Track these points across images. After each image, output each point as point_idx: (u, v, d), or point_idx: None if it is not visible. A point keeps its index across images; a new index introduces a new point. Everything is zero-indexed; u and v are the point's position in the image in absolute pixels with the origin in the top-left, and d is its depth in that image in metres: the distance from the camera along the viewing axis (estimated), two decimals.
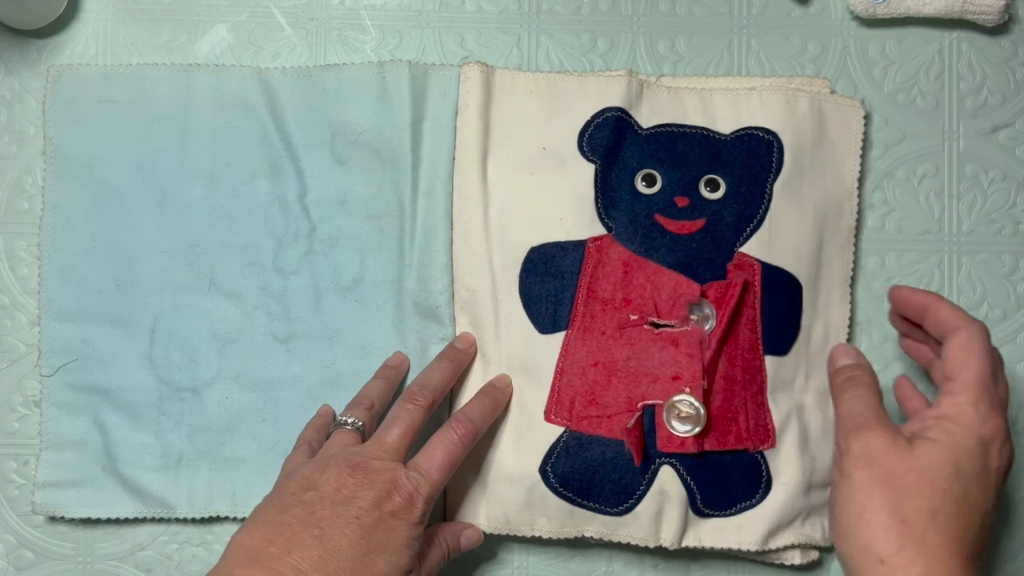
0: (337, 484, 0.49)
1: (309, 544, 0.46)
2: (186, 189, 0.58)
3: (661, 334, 0.55)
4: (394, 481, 0.49)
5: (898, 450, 0.45)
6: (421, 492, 0.49)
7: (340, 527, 0.47)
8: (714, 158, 0.57)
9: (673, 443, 0.54)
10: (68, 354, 0.58)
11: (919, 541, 0.43)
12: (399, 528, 0.48)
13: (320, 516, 0.47)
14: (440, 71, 0.58)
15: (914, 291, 0.52)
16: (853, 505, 0.44)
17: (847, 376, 0.50)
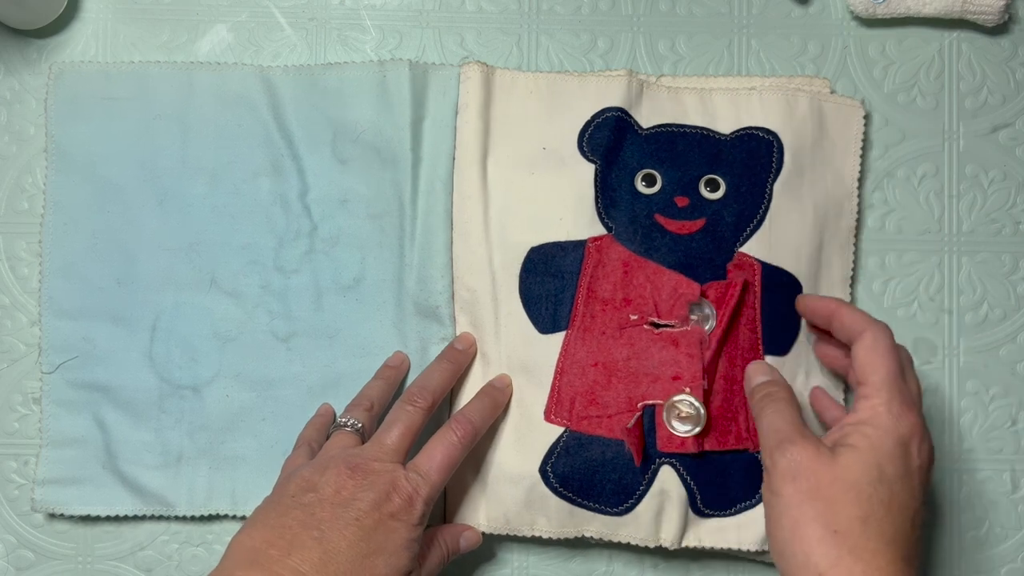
0: (337, 486, 0.48)
1: (309, 546, 0.46)
2: (187, 187, 0.58)
3: (661, 334, 0.55)
4: (393, 482, 0.49)
5: (822, 461, 0.45)
6: (420, 493, 0.49)
7: (340, 529, 0.47)
8: (714, 158, 0.57)
9: (673, 443, 0.54)
10: (69, 351, 0.58)
11: (854, 550, 0.43)
12: (398, 529, 0.48)
13: (320, 518, 0.47)
14: (440, 71, 0.58)
15: (819, 299, 0.53)
16: (785, 521, 0.44)
17: (764, 393, 0.50)
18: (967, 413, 0.60)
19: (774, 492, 0.45)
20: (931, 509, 0.60)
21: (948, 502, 0.60)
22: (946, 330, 0.60)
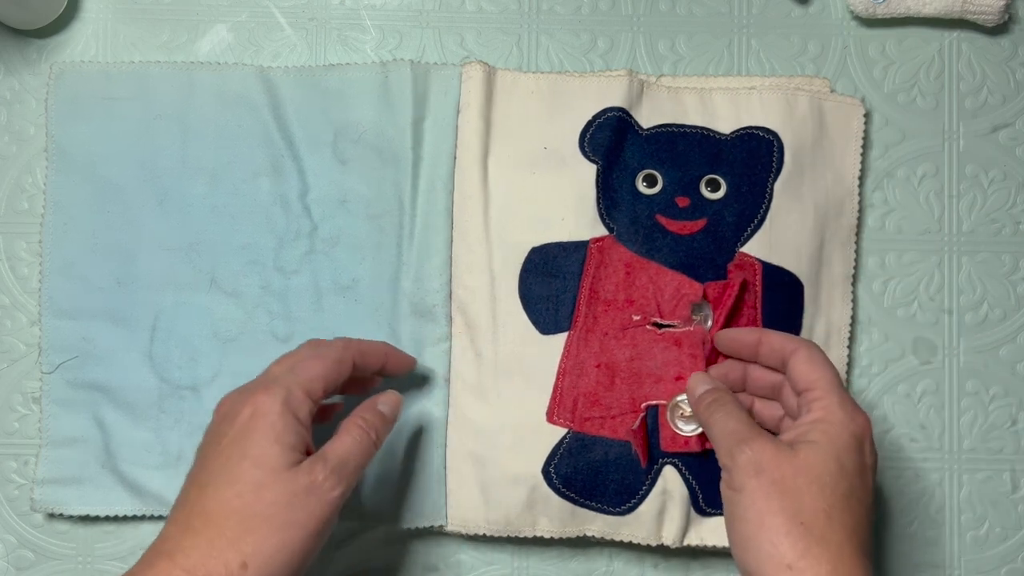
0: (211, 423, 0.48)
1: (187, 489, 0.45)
2: (188, 187, 0.58)
3: (664, 335, 0.55)
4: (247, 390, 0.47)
5: (783, 456, 0.45)
6: (280, 379, 0.47)
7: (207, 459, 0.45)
8: (714, 158, 0.57)
9: (677, 443, 0.54)
10: (68, 351, 0.58)
11: (820, 541, 0.43)
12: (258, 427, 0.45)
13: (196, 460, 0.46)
14: (442, 70, 0.58)
15: (740, 330, 0.53)
16: (751, 514, 0.44)
17: (711, 399, 0.50)
18: (967, 413, 0.60)
19: (736, 489, 0.45)
20: (931, 509, 0.60)
21: (948, 502, 0.60)
22: (946, 330, 0.60)
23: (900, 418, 0.60)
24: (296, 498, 0.44)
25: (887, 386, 0.60)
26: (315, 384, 0.48)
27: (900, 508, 0.60)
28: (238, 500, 0.43)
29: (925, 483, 0.60)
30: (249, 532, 0.43)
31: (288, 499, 0.44)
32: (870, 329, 0.60)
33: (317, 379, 0.48)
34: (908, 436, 0.60)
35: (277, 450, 0.44)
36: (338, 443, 0.47)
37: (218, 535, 0.43)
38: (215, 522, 0.43)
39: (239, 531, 0.43)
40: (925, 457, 0.60)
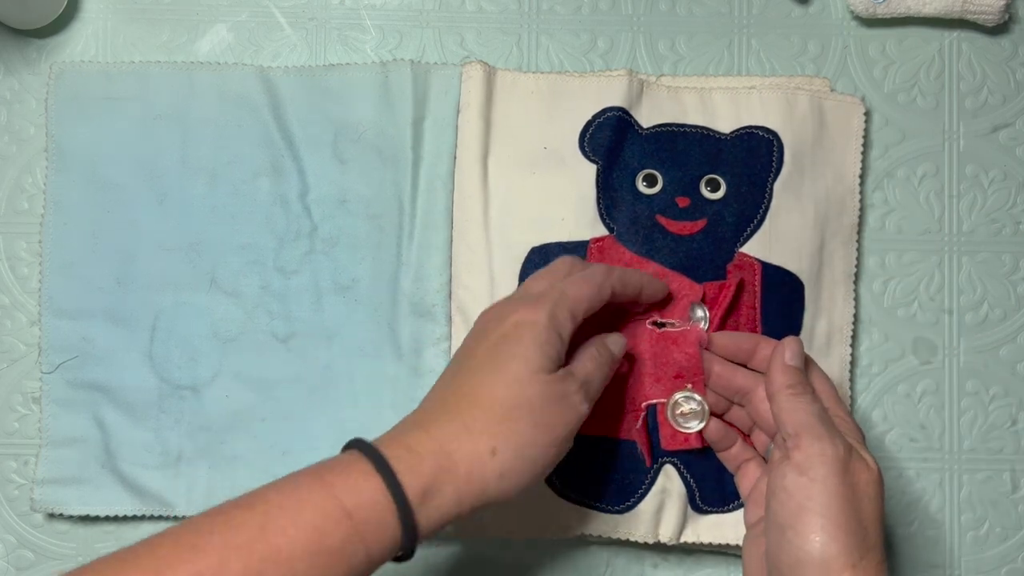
0: (474, 326, 0.48)
1: (448, 380, 0.46)
2: (188, 187, 0.58)
3: (663, 334, 0.55)
4: (518, 300, 0.48)
5: (860, 462, 0.46)
6: (548, 295, 0.47)
7: (473, 354, 0.46)
8: (714, 157, 0.57)
9: (677, 440, 0.54)
10: (68, 351, 0.58)
11: (874, 547, 0.45)
12: (524, 333, 0.45)
13: (459, 357, 0.47)
14: (442, 70, 0.58)
15: (738, 335, 0.53)
16: (829, 510, 0.45)
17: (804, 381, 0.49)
18: (967, 413, 0.60)
19: (816, 478, 0.45)
20: (931, 509, 0.60)
21: (948, 502, 0.60)
22: (946, 330, 0.60)
23: (900, 418, 0.60)
24: (552, 402, 0.45)
25: (887, 386, 0.60)
26: (579, 306, 0.48)
27: (900, 508, 0.60)
28: (503, 390, 0.44)
29: (925, 483, 0.60)
30: (506, 421, 0.43)
31: (545, 401, 0.45)
32: (870, 329, 0.60)
33: (582, 301, 0.48)
34: (908, 436, 0.60)
35: (541, 356, 0.45)
36: (581, 365, 0.48)
37: (475, 419, 0.43)
38: (475, 406, 0.44)
39: (497, 418, 0.43)
40: (925, 457, 0.60)
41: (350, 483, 0.40)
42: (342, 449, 0.44)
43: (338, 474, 0.40)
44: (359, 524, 0.39)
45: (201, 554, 0.37)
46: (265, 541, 0.38)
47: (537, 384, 0.45)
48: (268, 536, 0.38)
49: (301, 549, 0.38)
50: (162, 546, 0.38)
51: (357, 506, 0.39)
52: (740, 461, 0.53)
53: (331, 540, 0.39)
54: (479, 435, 0.43)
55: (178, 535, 0.38)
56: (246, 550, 0.37)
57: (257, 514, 0.39)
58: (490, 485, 0.43)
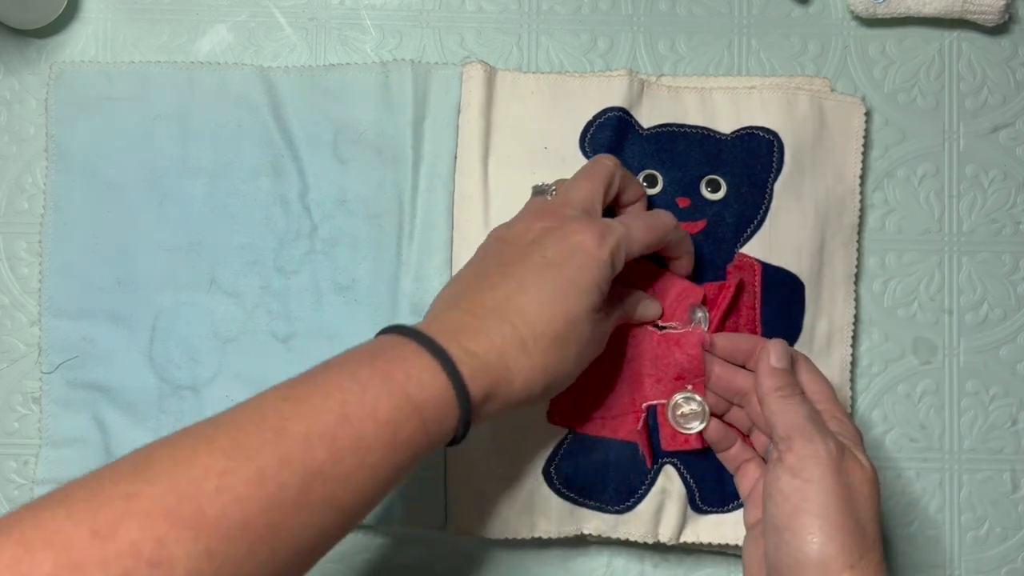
0: (524, 229, 0.48)
1: (496, 283, 0.46)
2: (188, 187, 0.58)
3: (664, 335, 0.54)
4: (580, 220, 0.48)
5: (853, 461, 0.46)
6: (614, 231, 0.48)
7: (526, 265, 0.46)
8: (715, 158, 0.57)
9: (677, 441, 0.54)
10: (68, 351, 0.57)
11: (872, 548, 0.45)
12: (587, 266, 0.46)
13: (507, 259, 0.47)
14: (442, 70, 0.58)
15: (738, 336, 0.54)
16: (825, 510, 0.45)
17: (792, 383, 0.50)
18: (967, 413, 0.60)
19: (810, 479, 0.45)
20: (931, 509, 0.60)
21: (948, 502, 0.60)
22: (946, 330, 0.60)
23: (900, 418, 0.60)
24: (593, 340, 0.48)
25: (887, 386, 0.60)
26: (636, 250, 0.49)
27: (900, 508, 0.60)
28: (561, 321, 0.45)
29: (925, 483, 0.60)
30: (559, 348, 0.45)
31: (590, 339, 0.47)
32: (870, 329, 0.60)
33: (641, 246, 0.49)
34: (908, 436, 0.60)
35: (597, 296, 0.47)
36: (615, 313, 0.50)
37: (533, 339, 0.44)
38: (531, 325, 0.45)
39: (551, 344, 0.45)
40: (925, 457, 0.60)
41: (416, 377, 0.41)
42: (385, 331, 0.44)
43: (405, 368, 0.41)
44: (427, 419, 0.41)
45: (285, 439, 0.37)
46: (349, 430, 0.38)
47: (589, 323, 0.46)
48: (349, 426, 0.39)
49: (378, 441, 0.39)
50: (246, 427, 0.38)
51: (425, 402, 0.41)
52: (740, 461, 0.53)
53: (403, 433, 0.40)
54: (536, 355, 0.44)
55: (261, 415, 0.38)
56: (330, 438, 0.38)
57: (336, 403, 0.39)
58: (534, 397, 0.45)
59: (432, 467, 0.56)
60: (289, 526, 0.36)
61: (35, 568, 0.31)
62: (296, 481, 0.36)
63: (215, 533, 0.34)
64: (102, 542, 0.32)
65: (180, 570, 0.33)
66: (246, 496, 0.35)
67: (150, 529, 0.33)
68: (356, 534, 0.59)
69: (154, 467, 0.35)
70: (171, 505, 0.34)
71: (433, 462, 0.56)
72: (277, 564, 0.36)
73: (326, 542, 0.38)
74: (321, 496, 0.37)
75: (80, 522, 0.32)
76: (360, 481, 0.38)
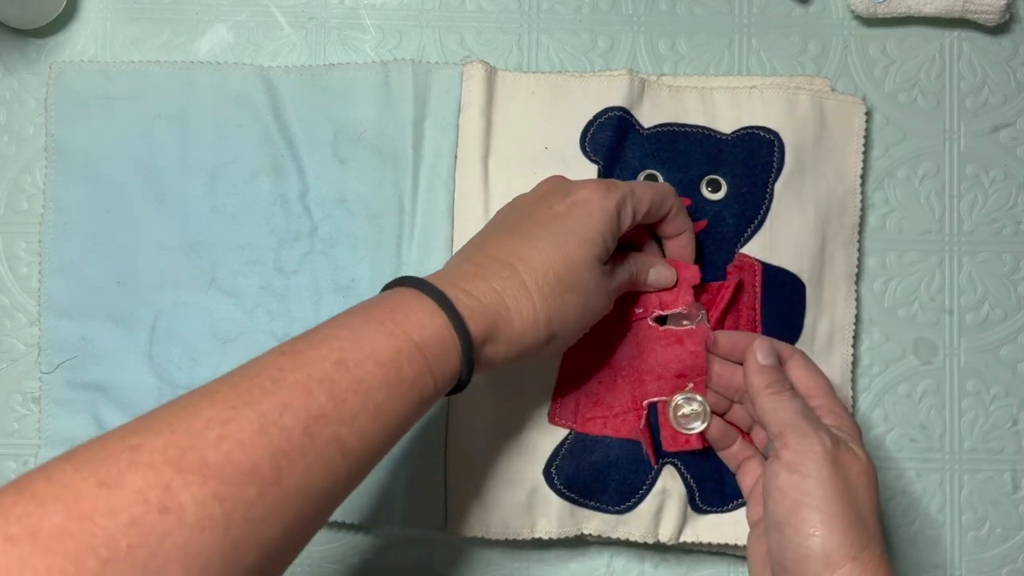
0: (532, 193, 0.50)
1: (502, 238, 0.47)
2: (187, 187, 0.58)
3: (666, 332, 0.54)
4: (588, 181, 0.49)
5: (848, 454, 0.47)
6: (619, 187, 0.49)
7: (533, 219, 0.48)
8: (715, 158, 0.57)
9: (678, 442, 0.54)
10: (68, 351, 0.57)
11: (873, 539, 0.45)
12: (591, 215, 0.47)
13: (515, 217, 0.49)
14: (443, 70, 0.58)
15: (733, 333, 0.54)
16: (824, 504, 0.45)
17: (781, 380, 0.50)
18: (968, 413, 0.60)
19: (807, 474, 0.45)
20: (932, 509, 0.60)
21: (949, 502, 0.60)
22: (947, 330, 0.60)
23: (901, 418, 0.60)
24: (597, 292, 0.48)
25: (888, 386, 0.60)
26: (642, 207, 0.50)
27: (901, 508, 0.59)
28: (562, 267, 0.46)
29: (926, 483, 0.60)
30: (561, 295, 0.46)
31: (594, 289, 0.47)
32: (871, 329, 0.60)
33: (646, 203, 0.50)
34: (909, 436, 0.60)
35: (601, 245, 0.47)
36: (620, 273, 0.51)
37: (534, 283, 0.45)
38: (533, 271, 0.45)
39: (553, 290, 0.45)
40: (926, 457, 0.60)
41: (414, 318, 0.41)
42: (388, 286, 0.45)
43: (404, 311, 0.41)
44: (429, 359, 0.41)
45: (284, 387, 0.37)
46: (346, 373, 0.39)
47: (592, 272, 0.47)
48: (349, 368, 0.39)
49: (381, 380, 0.39)
50: (240, 382, 0.38)
51: (425, 341, 0.41)
52: (741, 459, 0.53)
53: (406, 373, 0.40)
54: (537, 297, 0.45)
55: (258, 369, 0.38)
56: (328, 383, 0.38)
57: (333, 350, 0.39)
58: (535, 346, 0.46)
59: (432, 467, 0.56)
60: (296, 470, 0.36)
61: (45, 520, 0.31)
62: (299, 424, 0.37)
63: (222, 478, 0.34)
64: (108, 491, 0.32)
65: (190, 515, 0.33)
66: (249, 442, 0.35)
67: (155, 477, 0.33)
68: (356, 535, 0.59)
69: (157, 422, 0.36)
70: (175, 454, 0.34)
71: (433, 462, 0.56)
72: (290, 508, 0.36)
73: (336, 487, 0.38)
74: (326, 438, 0.37)
75: (87, 475, 0.33)
76: (365, 422, 0.39)
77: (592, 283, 0.47)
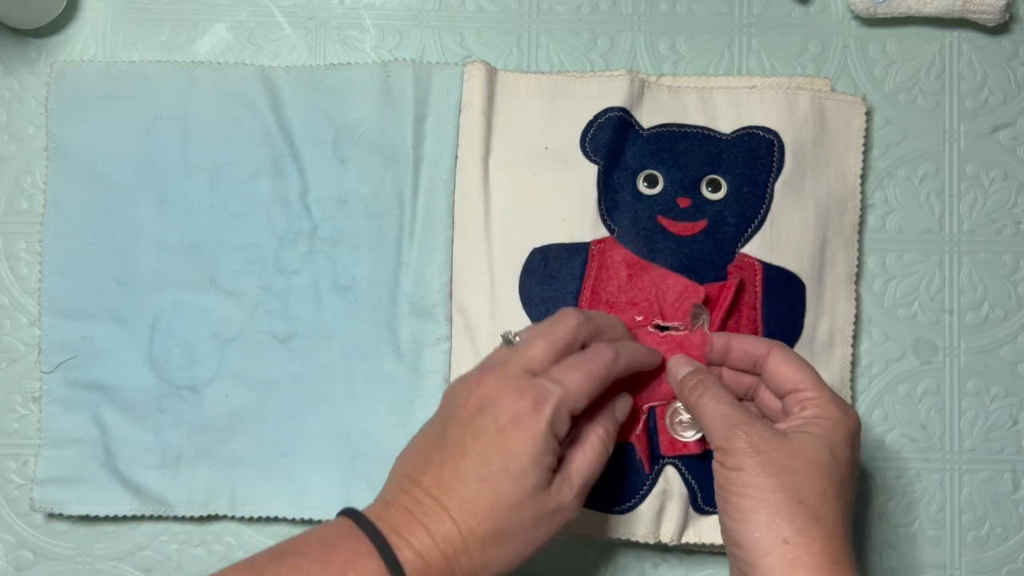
0: (465, 397, 0.47)
1: (438, 470, 0.46)
2: (188, 187, 0.58)
3: (666, 337, 0.54)
4: (519, 388, 0.46)
5: (779, 439, 0.46)
6: (550, 397, 0.46)
7: (466, 447, 0.46)
8: (715, 158, 0.57)
9: (676, 447, 0.54)
10: (68, 351, 0.57)
11: (816, 520, 0.45)
12: (523, 443, 0.45)
13: (451, 438, 0.46)
14: (443, 70, 0.58)
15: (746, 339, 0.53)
16: (750, 491, 0.45)
17: (695, 381, 0.50)
18: (968, 413, 0.60)
19: (735, 467, 0.46)
20: (932, 509, 0.60)
21: (949, 502, 0.60)
22: (947, 330, 0.60)
23: (901, 418, 0.60)
24: (543, 519, 0.46)
25: (888, 386, 0.60)
26: (580, 404, 0.47)
27: (901, 508, 0.59)
28: (499, 513, 0.45)
29: (926, 483, 0.60)
30: (499, 541, 0.45)
31: (538, 520, 0.46)
32: (871, 329, 0.60)
33: (583, 398, 0.47)
34: (909, 436, 0.60)
35: (536, 473, 0.45)
36: (582, 459, 0.48)
37: (472, 532, 0.45)
38: (472, 516, 0.45)
39: (491, 537, 0.45)
40: (926, 457, 0.60)
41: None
42: (343, 512, 0.46)
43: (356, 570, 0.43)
44: None
45: None
46: None
47: (532, 507, 0.45)
48: None
49: None
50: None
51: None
52: None
53: None
54: (476, 553, 0.45)
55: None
56: None
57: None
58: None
59: None
60: None
61: None
62: None
63: None
64: None
65: None
66: None
67: None
68: None
69: None
70: None
71: None
72: None
73: None
74: None
75: None
76: None
77: (534, 520, 0.46)
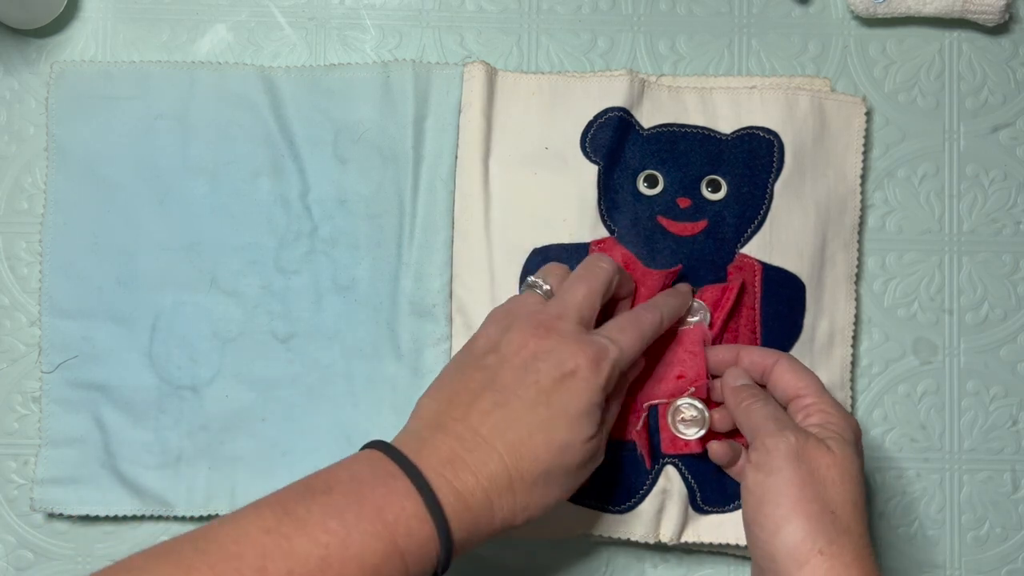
0: (519, 345, 0.47)
1: (488, 409, 0.45)
2: (188, 187, 0.58)
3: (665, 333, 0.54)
4: (578, 342, 0.47)
5: (820, 448, 0.47)
6: (608, 356, 0.47)
7: (519, 392, 0.46)
8: (715, 158, 0.57)
9: (677, 445, 0.54)
10: (68, 351, 0.57)
11: (847, 531, 0.45)
12: (581, 393, 0.46)
13: (501, 381, 0.46)
14: (443, 70, 0.58)
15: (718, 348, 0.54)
16: (784, 499, 0.46)
17: (751, 392, 0.52)
18: (968, 413, 0.60)
19: (771, 472, 0.47)
20: (932, 509, 0.60)
21: (948, 502, 0.60)
22: (947, 330, 0.60)
23: (900, 418, 0.60)
24: (583, 466, 0.47)
25: (887, 386, 0.60)
26: (628, 364, 0.49)
27: (901, 508, 0.59)
28: (548, 457, 0.45)
29: (926, 483, 0.60)
30: (544, 486, 0.45)
31: (582, 464, 0.47)
32: (870, 329, 0.60)
33: (632, 359, 0.49)
34: (908, 436, 0.60)
35: (590, 424, 0.46)
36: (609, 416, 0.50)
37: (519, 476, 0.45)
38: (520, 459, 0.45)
39: (536, 481, 0.45)
40: (926, 457, 0.60)
41: (404, 523, 0.42)
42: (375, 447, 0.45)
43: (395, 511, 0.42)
44: (409, 562, 0.42)
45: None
46: (329, 572, 0.40)
47: (581, 452, 0.46)
48: (332, 567, 0.40)
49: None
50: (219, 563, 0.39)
51: (409, 547, 0.42)
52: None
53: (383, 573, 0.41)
54: (520, 494, 0.45)
55: (239, 549, 0.39)
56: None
57: (319, 546, 0.40)
58: (514, 530, 0.46)
59: None
60: None
61: None
62: None
63: None
64: None
65: None
66: None
67: None
68: None
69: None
70: None
71: None
72: None
73: None
74: None
75: None
76: None
77: (579, 463, 0.46)
